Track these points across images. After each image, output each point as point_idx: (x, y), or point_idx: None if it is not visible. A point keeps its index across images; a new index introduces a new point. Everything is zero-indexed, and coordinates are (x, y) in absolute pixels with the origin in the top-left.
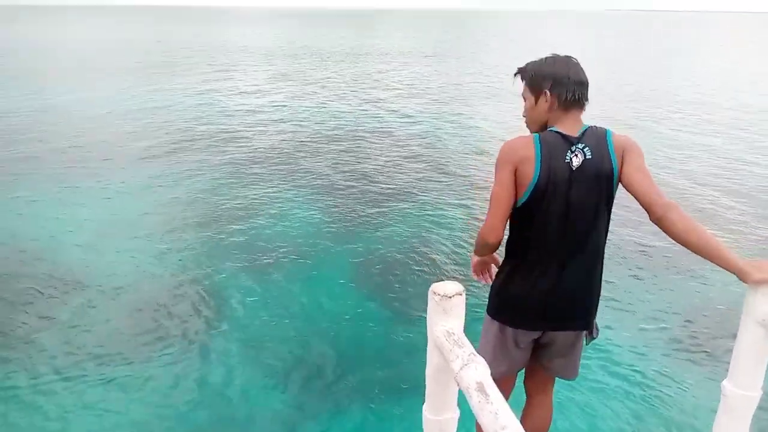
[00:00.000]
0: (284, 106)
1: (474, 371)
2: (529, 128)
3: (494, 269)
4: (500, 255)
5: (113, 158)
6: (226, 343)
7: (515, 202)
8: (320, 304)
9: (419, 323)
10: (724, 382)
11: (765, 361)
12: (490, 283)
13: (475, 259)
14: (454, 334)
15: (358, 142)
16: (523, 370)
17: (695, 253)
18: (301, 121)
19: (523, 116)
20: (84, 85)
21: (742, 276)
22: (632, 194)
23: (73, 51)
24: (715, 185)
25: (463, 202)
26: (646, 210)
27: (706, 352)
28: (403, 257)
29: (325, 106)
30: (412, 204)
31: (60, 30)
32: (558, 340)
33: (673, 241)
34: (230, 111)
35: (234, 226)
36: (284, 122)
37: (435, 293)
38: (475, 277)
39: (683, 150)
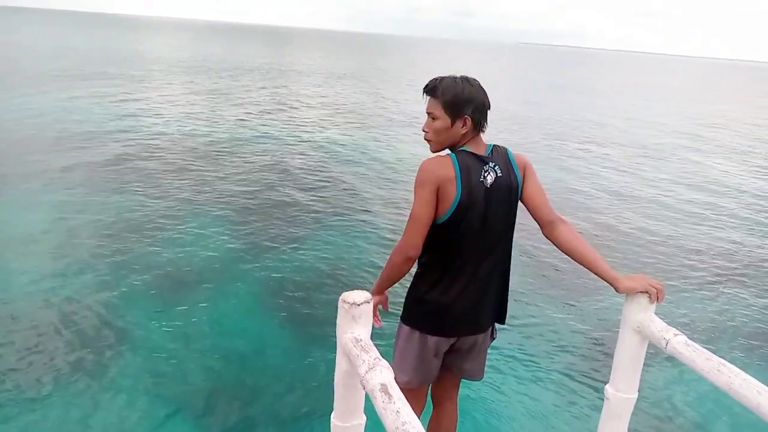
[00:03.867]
0: (197, 123)
1: (379, 374)
2: (433, 145)
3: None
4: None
5: (11, 176)
6: (129, 373)
7: (436, 219)
8: (227, 327)
9: (327, 345)
10: (607, 387)
11: (641, 365)
12: (380, 326)
13: (374, 299)
14: (361, 340)
15: (271, 161)
16: None
17: (577, 262)
18: (215, 139)
19: (424, 131)
20: None
21: (614, 284)
22: (528, 208)
23: None
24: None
25: (371, 222)
26: (538, 223)
27: (592, 359)
28: (311, 279)
29: (240, 122)
30: (327, 226)
31: None
32: (471, 343)
33: (565, 256)
34: (142, 125)
35: (138, 246)
36: (196, 140)
37: (344, 301)
38: None
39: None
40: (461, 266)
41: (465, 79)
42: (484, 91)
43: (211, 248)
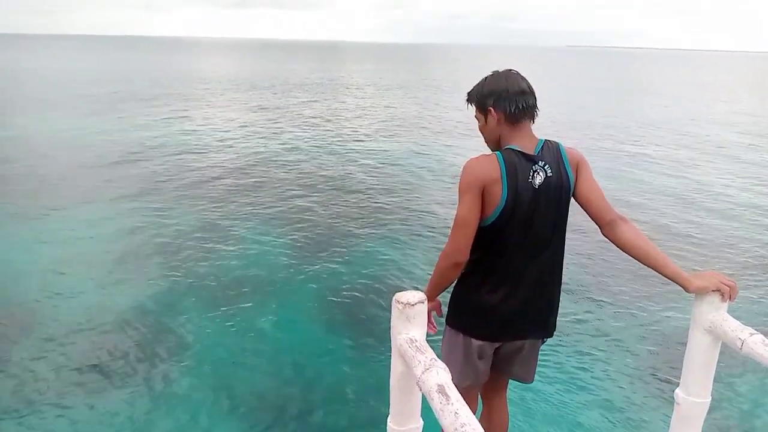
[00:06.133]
0: (251, 138)
1: (435, 375)
2: (487, 145)
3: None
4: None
5: (74, 192)
6: (188, 381)
7: (481, 222)
8: (284, 338)
9: (384, 350)
10: (677, 391)
11: (713, 368)
12: (434, 332)
13: (427, 305)
14: (416, 341)
15: (325, 175)
16: None
17: (641, 262)
18: (268, 153)
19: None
20: (49, 116)
21: (684, 284)
22: (584, 207)
23: (37, 80)
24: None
25: (425, 228)
26: (597, 222)
27: (660, 362)
28: (365, 285)
29: (292, 138)
30: (380, 238)
31: (19, 58)
32: (518, 347)
33: (628, 257)
34: (195, 143)
35: (196, 261)
36: (250, 155)
37: (398, 302)
38: None
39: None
40: (506, 269)
41: (492, 74)
42: (513, 77)
43: (268, 257)
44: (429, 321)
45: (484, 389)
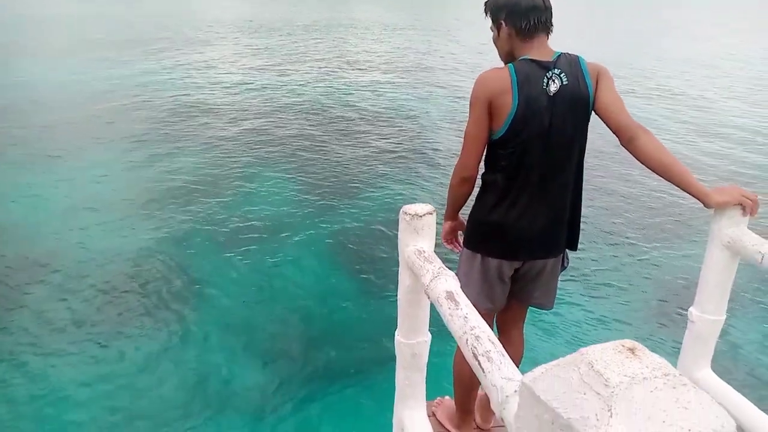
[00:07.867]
0: (258, 80)
1: (444, 282)
2: (500, 58)
3: (461, 236)
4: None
5: (86, 137)
6: (201, 321)
7: (492, 134)
8: (294, 280)
9: (392, 299)
10: (691, 309)
11: (729, 285)
12: (459, 251)
13: (447, 225)
14: (424, 251)
15: (333, 117)
16: None
17: (661, 176)
18: (276, 96)
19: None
20: (53, 60)
21: (704, 199)
22: (603, 118)
23: (36, 24)
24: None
25: (437, 175)
26: (615, 133)
27: (673, 282)
28: (376, 232)
29: (299, 80)
30: (387, 179)
31: (20, 3)
32: (539, 269)
33: (639, 172)
34: (203, 86)
35: (207, 204)
36: (258, 98)
37: (406, 213)
38: (447, 246)
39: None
40: (524, 185)
41: None
42: None
43: (277, 203)
44: (455, 241)
45: (501, 320)
